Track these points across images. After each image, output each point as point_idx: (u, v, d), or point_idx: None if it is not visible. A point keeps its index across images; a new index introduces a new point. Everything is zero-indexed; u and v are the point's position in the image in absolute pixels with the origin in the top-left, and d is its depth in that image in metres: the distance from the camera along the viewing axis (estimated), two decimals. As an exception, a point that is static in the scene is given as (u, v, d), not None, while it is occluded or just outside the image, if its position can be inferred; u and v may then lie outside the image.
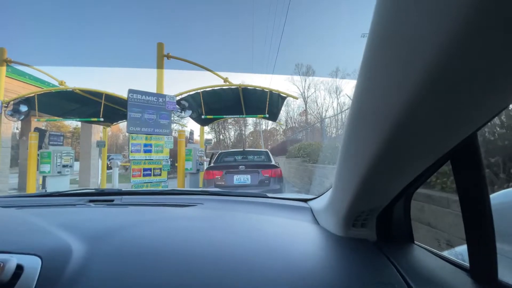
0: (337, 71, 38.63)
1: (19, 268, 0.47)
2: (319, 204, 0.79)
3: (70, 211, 0.81)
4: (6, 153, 6.90)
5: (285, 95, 6.15)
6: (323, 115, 32.26)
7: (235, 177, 4.77)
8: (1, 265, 0.45)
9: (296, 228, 0.72)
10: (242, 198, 1.01)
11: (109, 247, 0.55)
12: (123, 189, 1.17)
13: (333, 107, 36.73)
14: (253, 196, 1.06)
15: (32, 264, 0.48)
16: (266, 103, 5.99)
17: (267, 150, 6.36)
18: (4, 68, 5.59)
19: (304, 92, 34.31)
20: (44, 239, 0.56)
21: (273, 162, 5.48)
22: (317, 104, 36.69)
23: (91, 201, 0.96)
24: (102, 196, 1.02)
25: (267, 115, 6.26)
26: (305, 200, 0.96)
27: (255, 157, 6.05)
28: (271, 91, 5.87)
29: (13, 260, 0.47)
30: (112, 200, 0.96)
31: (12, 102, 5.38)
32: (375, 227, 0.61)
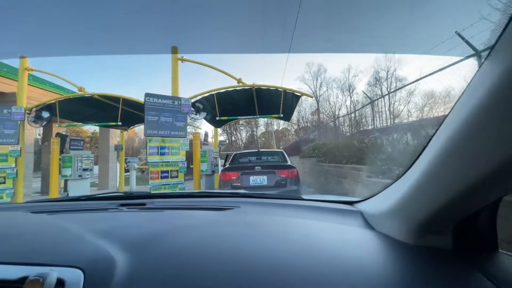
0: (349, 69, 37.97)
1: (60, 283, 0.42)
2: (374, 207, 0.71)
3: (103, 216, 0.77)
4: (29, 158, 7.18)
5: (299, 94, 6.04)
6: (336, 113, 31.76)
7: (251, 178, 4.72)
8: (41, 281, 0.41)
9: (349, 234, 0.64)
10: (278, 201, 0.95)
11: (154, 256, 0.50)
12: (152, 192, 1.14)
13: (346, 105, 36.15)
14: (289, 199, 0.99)
15: (74, 278, 0.43)
16: (280, 103, 5.91)
17: (282, 150, 6.27)
18: (26, 76, 5.81)
19: (316, 91, 33.96)
20: (83, 249, 0.52)
21: (289, 162, 5.39)
22: (329, 103, 36.20)
23: (122, 205, 0.92)
24: (133, 200, 0.98)
25: (281, 115, 6.17)
26: (351, 203, 0.88)
27: (270, 157, 5.98)
28: (285, 91, 5.78)
29: (53, 274, 0.42)
30: (144, 204, 0.92)
31: (34, 109, 5.57)
32: (452, 233, 0.53)
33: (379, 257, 0.51)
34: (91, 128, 26.17)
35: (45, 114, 5.65)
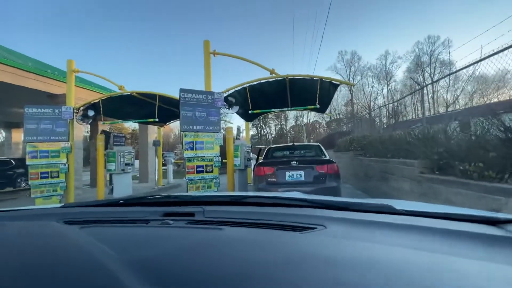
0: (386, 55, 35.27)
1: None
2: None
3: (143, 235, 0.62)
4: (79, 154, 7.79)
5: (338, 83, 5.61)
6: (372, 104, 29.81)
7: (287, 173, 4.51)
8: None
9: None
10: (378, 217, 0.69)
11: None
12: (199, 195, 0.98)
13: (383, 94, 33.75)
14: (390, 213, 0.72)
15: None
16: (316, 94, 5.54)
17: (319, 144, 5.92)
18: (73, 77, 6.23)
19: (349, 80, 32.20)
20: None
21: (327, 157, 5.06)
22: (364, 93, 34.10)
23: (166, 214, 0.77)
24: (180, 207, 0.83)
25: (318, 106, 5.80)
26: (494, 222, 0.60)
27: (306, 151, 5.68)
28: (321, 79, 5.39)
29: None
30: (193, 214, 0.75)
31: (81, 108, 5.95)
32: None
33: None
34: (131, 125, 28.07)
35: (91, 113, 6.01)
